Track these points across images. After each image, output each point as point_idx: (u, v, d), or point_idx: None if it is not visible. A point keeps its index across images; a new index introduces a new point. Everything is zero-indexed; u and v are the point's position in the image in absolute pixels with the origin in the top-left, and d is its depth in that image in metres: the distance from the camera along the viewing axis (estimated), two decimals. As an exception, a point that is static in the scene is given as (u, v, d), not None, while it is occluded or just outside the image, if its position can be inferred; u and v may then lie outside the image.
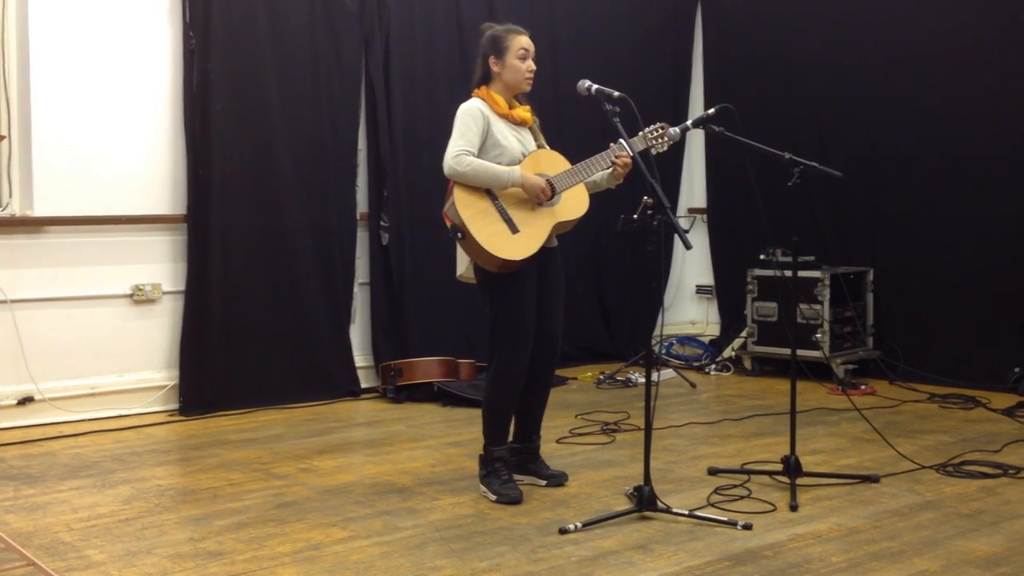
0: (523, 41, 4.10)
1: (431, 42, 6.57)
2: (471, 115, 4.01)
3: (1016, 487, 4.15)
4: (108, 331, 5.61)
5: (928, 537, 3.56)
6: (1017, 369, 6.02)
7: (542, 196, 3.97)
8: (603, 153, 4.05)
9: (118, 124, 5.63)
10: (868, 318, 6.79)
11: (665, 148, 4.12)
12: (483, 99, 4.08)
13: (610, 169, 4.08)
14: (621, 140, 3.96)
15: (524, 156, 4.05)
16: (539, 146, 4.17)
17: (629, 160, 4.00)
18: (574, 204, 4.07)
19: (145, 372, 5.71)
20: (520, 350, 4.01)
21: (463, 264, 4.14)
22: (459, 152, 3.93)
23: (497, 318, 4.03)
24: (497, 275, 3.97)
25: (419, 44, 6.52)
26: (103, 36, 5.57)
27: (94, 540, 3.58)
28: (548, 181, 3.99)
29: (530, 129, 4.19)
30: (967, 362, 6.26)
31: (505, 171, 3.94)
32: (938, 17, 6.45)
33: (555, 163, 4.09)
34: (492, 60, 4.11)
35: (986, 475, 4.31)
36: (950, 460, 4.51)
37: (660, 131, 4.08)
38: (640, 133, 4.05)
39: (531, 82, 4.13)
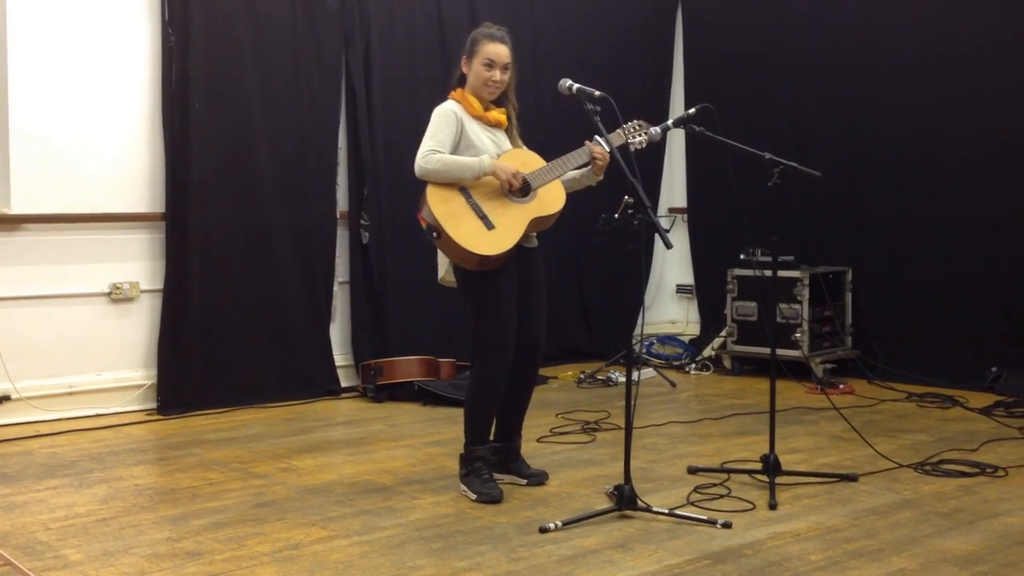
0: (492, 50, 4.05)
1: (412, 40, 6.56)
2: (443, 117, 4.01)
3: (993, 486, 4.18)
4: (85, 330, 5.57)
5: (906, 536, 3.58)
6: (994, 368, 6.06)
7: (514, 181, 3.95)
8: (579, 150, 4.06)
9: (96, 121, 5.59)
10: (847, 318, 6.83)
11: (644, 145, 4.12)
12: (458, 101, 4.08)
13: (588, 165, 4.09)
14: (597, 136, 3.99)
15: (496, 156, 4.05)
16: (515, 147, 4.17)
17: (607, 154, 4.01)
18: (550, 200, 4.06)
19: (123, 371, 5.68)
20: (503, 350, 4.01)
21: (444, 267, 4.13)
22: (427, 152, 3.92)
23: (479, 319, 4.02)
24: (478, 275, 3.97)
25: (400, 42, 6.50)
26: (81, 32, 5.53)
27: (71, 540, 3.55)
28: (522, 177, 3.99)
29: (506, 131, 4.19)
30: (945, 361, 6.29)
31: (475, 161, 3.94)
32: (919, 19, 6.49)
33: (530, 161, 4.09)
34: (464, 60, 4.12)
35: (964, 474, 4.34)
36: (928, 459, 4.54)
37: (638, 127, 4.10)
38: (618, 129, 4.06)
39: (493, 93, 4.09)
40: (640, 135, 4.12)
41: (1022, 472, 4.36)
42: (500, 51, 4.07)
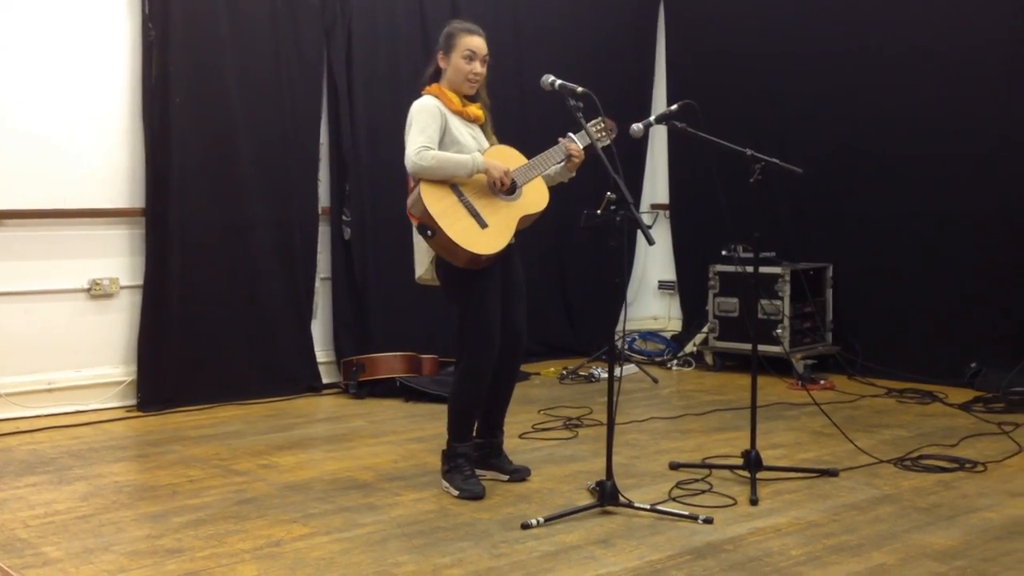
0: (471, 42, 4.07)
1: (394, 35, 6.54)
2: (428, 112, 3.99)
3: (972, 481, 4.20)
4: (65, 326, 5.53)
5: (886, 530, 3.60)
6: (973, 364, 6.10)
7: (505, 179, 3.96)
8: (555, 147, 4.10)
9: (76, 117, 5.55)
10: (827, 314, 6.85)
11: (608, 141, 4.13)
12: (436, 96, 4.07)
13: (563, 162, 4.11)
14: (570, 133, 4.07)
15: (480, 153, 4.05)
16: (491, 144, 4.18)
17: (582, 151, 4.08)
18: (535, 198, 4.09)
19: (102, 367, 5.64)
20: (489, 347, 4.00)
21: (422, 266, 4.10)
22: (420, 148, 3.90)
23: (465, 316, 4.02)
24: (463, 273, 3.96)
25: (382, 37, 6.48)
26: (60, 27, 5.49)
27: (51, 537, 3.53)
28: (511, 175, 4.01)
29: (481, 127, 4.19)
30: (924, 357, 6.32)
31: (468, 158, 3.94)
32: (900, 15, 6.51)
33: (512, 158, 4.10)
34: (440, 55, 4.11)
35: (943, 469, 4.36)
36: (907, 454, 4.56)
37: (602, 124, 4.12)
38: (583, 129, 4.08)
39: (473, 86, 4.10)
40: (604, 132, 4.14)
41: (1001, 467, 4.39)
42: (479, 43, 4.09)
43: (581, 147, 4.09)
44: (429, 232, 3.88)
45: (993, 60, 6.16)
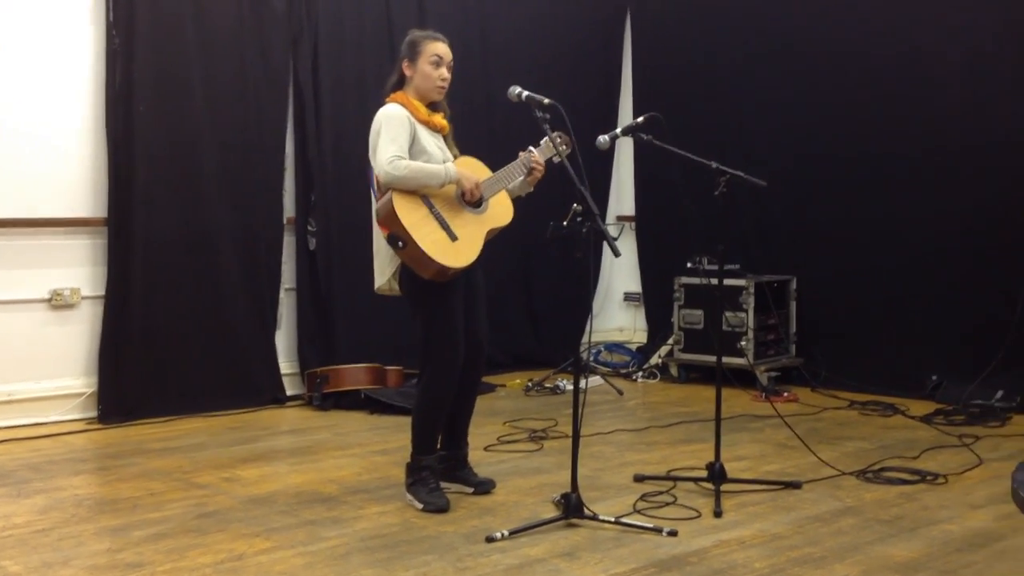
0: (437, 48, 4.07)
1: (360, 44, 6.52)
2: (398, 120, 3.97)
3: (934, 493, 4.24)
4: (25, 337, 5.46)
5: (848, 543, 3.62)
6: (935, 377, 6.16)
7: (476, 191, 3.97)
8: (518, 161, 4.11)
9: (38, 124, 5.49)
10: (791, 326, 6.90)
11: (563, 157, 4.12)
12: (403, 104, 4.05)
13: (525, 176, 4.12)
14: (531, 148, 4.08)
15: (445, 163, 4.04)
16: (454, 155, 4.17)
17: (543, 167, 4.09)
18: (501, 211, 4.10)
19: (63, 379, 5.57)
20: (454, 358, 3.99)
21: (383, 276, 4.08)
22: (393, 157, 3.88)
23: (429, 327, 4.00)
24: (428, 284, 3.94)
25: (348, 46, 6.46)
26: (23, 34, 5.43)
27: (9, 551, 3.48)
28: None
29: (444, 137, 4.19)
30: (886, 370, 6.38)
31: (440, 168, 3.93)
32: (864, 27, 6.57)
33: (478, 170, 4.11)
34: (405, 64, 4.09)
35: (905, 481, 4.39)
36: (870, 466, 4.59)
37: (560, 139, 4.13)
38: (543, 141, 4.08)
39: (442, 91, 4.10)
40: (564, 146, 4.14)
41: (961, 479, 4.43)
42: (444, 49, 4.09)
43: (543, 161, 4.10)
44: (400, 243, 3.87)
45: (960, 70, 6.23)
